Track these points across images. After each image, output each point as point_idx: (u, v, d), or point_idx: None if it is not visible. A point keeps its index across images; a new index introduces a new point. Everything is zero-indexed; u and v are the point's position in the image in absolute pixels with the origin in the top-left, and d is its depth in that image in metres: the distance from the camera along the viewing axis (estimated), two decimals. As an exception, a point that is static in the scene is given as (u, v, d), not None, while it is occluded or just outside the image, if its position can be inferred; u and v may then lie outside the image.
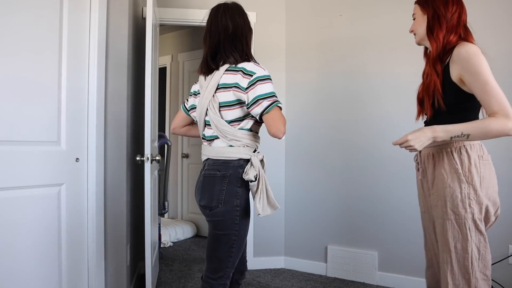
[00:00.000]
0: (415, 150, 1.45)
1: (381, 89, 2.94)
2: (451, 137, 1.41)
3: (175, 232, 4.23)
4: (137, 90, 3.01)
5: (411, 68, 2.84)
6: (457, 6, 1.54)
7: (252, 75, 1.51)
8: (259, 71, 1.52)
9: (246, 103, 1.52)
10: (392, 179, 2.88)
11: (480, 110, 1.53)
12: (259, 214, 1.55)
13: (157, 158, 2.52)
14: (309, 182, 3.22)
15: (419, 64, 2.81)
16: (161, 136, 3.43)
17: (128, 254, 2.47)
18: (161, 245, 3.87)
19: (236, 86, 1.53)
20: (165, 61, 4.91)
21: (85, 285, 2.02)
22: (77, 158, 1.99)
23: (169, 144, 3.59)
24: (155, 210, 2.88)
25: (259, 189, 1.54)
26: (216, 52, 1.61)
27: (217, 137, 1.60)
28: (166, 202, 3.50)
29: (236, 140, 1.56)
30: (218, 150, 1.57)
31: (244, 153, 1.56)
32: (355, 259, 3.00)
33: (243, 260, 1.75)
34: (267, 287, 2.87)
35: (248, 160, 1.57)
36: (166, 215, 4.72)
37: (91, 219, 2.03)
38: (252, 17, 3.25)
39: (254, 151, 1.61)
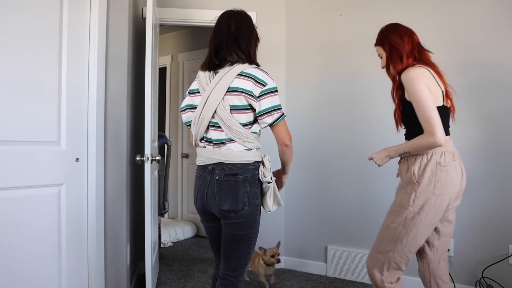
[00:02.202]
0: (378, 165, 1.84)
1: (381, 90, 2.94)
2: (400, 154, 1.75)
3: (175, 232, 4.23)
4: (137, 90, 3.01)
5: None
6: (408, 35, 1.79)
7: (264, 85, 1.56)
8: (270, 83, 1.58)
9: (258, 110, 1.57)
10: (391, 179, 2.87)
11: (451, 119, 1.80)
12: (269, 211, 1.66)
13: (157, 158, 2.52)
14: (309, 182, 3.22)
15: (419, 64, 2.81)
16: (161, 136, 3.43)
17: (128, 254, 2.47)
18: (161, 245, 3.87)
19: (248, 93, 1.56)
20: (165, 61, 4.91)
21: (85, 285, 2.02)
22: (77, 158, 1.99)
23: (169, 144, 3.59)
24: (155, 210, 2.88)
25: (270, 189, 1.64)
26: (219, 49, 1.64)
27: (229, 140, 1.59)
28: (166, 202, 3.49)
29: (250, 142, 1.60)
30: (236, 154, 1.58)
31: (258, 156, 1.63)
32: (355, 259, 3.00)
33: None
34: (267, 287, 2.88)
35: (259, 162, 1.64)
36: (166, 215, 4.72)
37: (91, 219, 2.03)
38: (252, 17, 3.25)
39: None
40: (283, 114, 1.60)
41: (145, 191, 2.34)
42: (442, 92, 1.70)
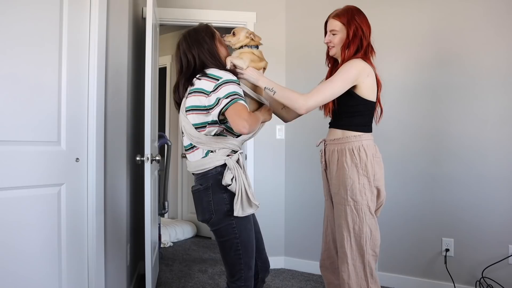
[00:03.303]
0: (241, 75, 1.68)
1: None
2: (265, 88, 1.70)
3: (175, 232, 4.23)
4: (137, 90, 3.01)
5: (410, 69, 2.84)
6: (370, 28, 1.85)
7: (218, 80, 1.53)
8: (226, 76, 1.54)
9: (207, 105, 1.53)
10: (390, 179, 2.87)
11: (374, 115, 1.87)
12: (236, 215, 1.53)
13: (157, 158, 2.52)
14: (309, 182, 3.21)
15: (418, 65, 2.81)
16: (161, 136, 3.43)
17: (128, 254, 2.47)
18: (161, 245, 3.87)
19: (201, 91, 1.54)
20: (165, 61, 4.91)
21: (85, 285, 2.02)
22: (77, 158, 1.99)
23: (169, 144, 3.59)
24: (155, 210, 2.88)
25: (237, 192, 1.53)
26: None
27: (190, 146, 1.63)
28: (166, 202, 3.49)
29: (202, 144, 1.58)
30: (194, 164, 1.62)
31: (217, 160, 1.57)
32: (355, 259, 2.99)
33: (264, 258, 1.83)
34: (267, 287, 2.87)
35: (221, 166, 1.57)
36: (166, 215, 4.72)
37: (91, 219, 2.03)
38: (252, 17, 3.25)
39: (235, 152, 1.61)
40: (235, 98, 1.49)
41: (145, 191, 2.33)
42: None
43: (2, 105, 1.67)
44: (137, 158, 2.36)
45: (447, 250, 2.69)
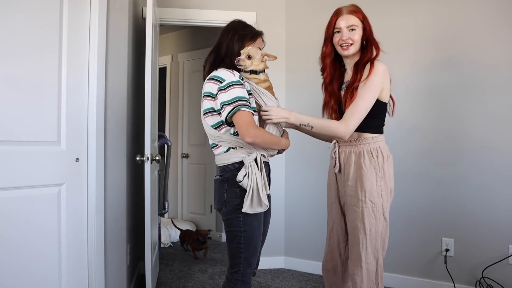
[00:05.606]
0: (271, 121, 1.69)
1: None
2: (300, 124, 1.74)
3: (175, 232, 4.23)
4: (137, 90, 3.01)
5: (409, 68, 2.84)
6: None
7: (221, 82, 1.60)
8: (228, 77, 1.60)
9: (216, 108, 1.63)
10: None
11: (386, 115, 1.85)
12: (243, 211, 1.59)
13: (157, 158, 2.52)
14: (309, 182, 3.22)
15: (418, 64, 2.81)
16: (161, 136, 3.43)
17: (128, 254, 2.47)
18: (161, 245, 3.87)
19: (209, 95, 1.64)
20: (165, 61, 4.91)
21: (85, 285, 2.02)
22: (77, 158, 1.98)
23: (169, 144, 3.59)
24: (155, 210, 2.88)
25: (248, 189, 1.59)
26: None
27: (214, 145, 1.72)
28: (166, 202, 3.50)
29: (224, 141, 1.66)
30: (218, 158, 1.71)
31: (235, 157, 1.65)
32: (355, 259, 2.99)
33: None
34: (267, 287, 2.87)
35: (240, 162, 1.65)
36: (166, 215, 4.72)
37: (91, 219, 2.03)
38: (252, 17, 3.25)
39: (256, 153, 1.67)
40: (238, 106, 1.56)
41: (145, 191, 2.34)
42: None
43: (2, 105, 1.67)
44: (137, 158, 2.36)
45: (447, 250, 2.69)
